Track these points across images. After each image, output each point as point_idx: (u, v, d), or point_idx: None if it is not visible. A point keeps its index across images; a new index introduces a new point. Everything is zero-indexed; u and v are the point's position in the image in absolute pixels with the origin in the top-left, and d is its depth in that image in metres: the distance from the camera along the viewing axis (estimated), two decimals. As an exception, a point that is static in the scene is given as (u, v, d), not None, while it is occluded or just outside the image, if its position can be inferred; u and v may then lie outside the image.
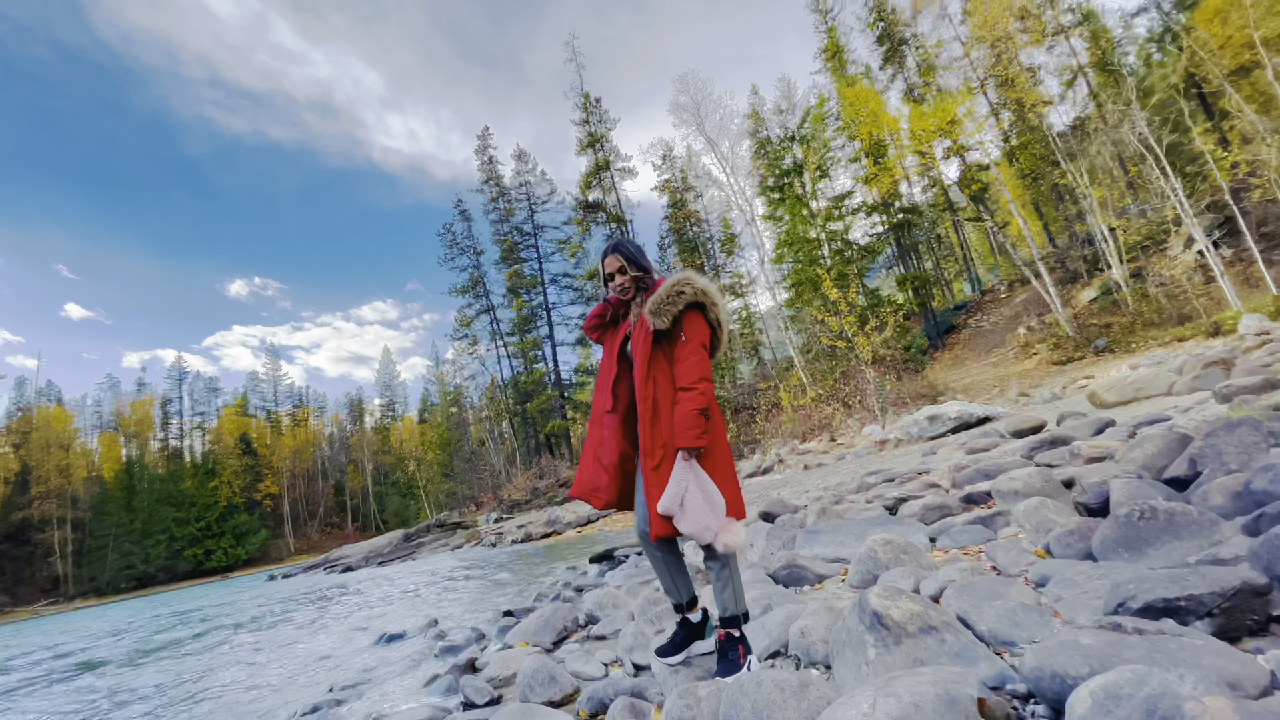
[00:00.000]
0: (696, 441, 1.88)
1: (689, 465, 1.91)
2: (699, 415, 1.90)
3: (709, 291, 2.04)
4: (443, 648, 3.81)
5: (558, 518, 15.22)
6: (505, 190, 33.31)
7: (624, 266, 2.17)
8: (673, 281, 2.05)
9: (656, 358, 2.03)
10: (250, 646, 5.88)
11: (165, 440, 64.36)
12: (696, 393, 1.92)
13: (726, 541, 1.90)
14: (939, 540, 3.49)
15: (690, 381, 1.94)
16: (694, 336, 2.00)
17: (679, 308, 2.00)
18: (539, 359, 31.74)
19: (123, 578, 49.35)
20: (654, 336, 2.04)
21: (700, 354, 1.98)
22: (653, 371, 2.03)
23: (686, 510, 1.86)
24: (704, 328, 2.03)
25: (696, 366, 1.96)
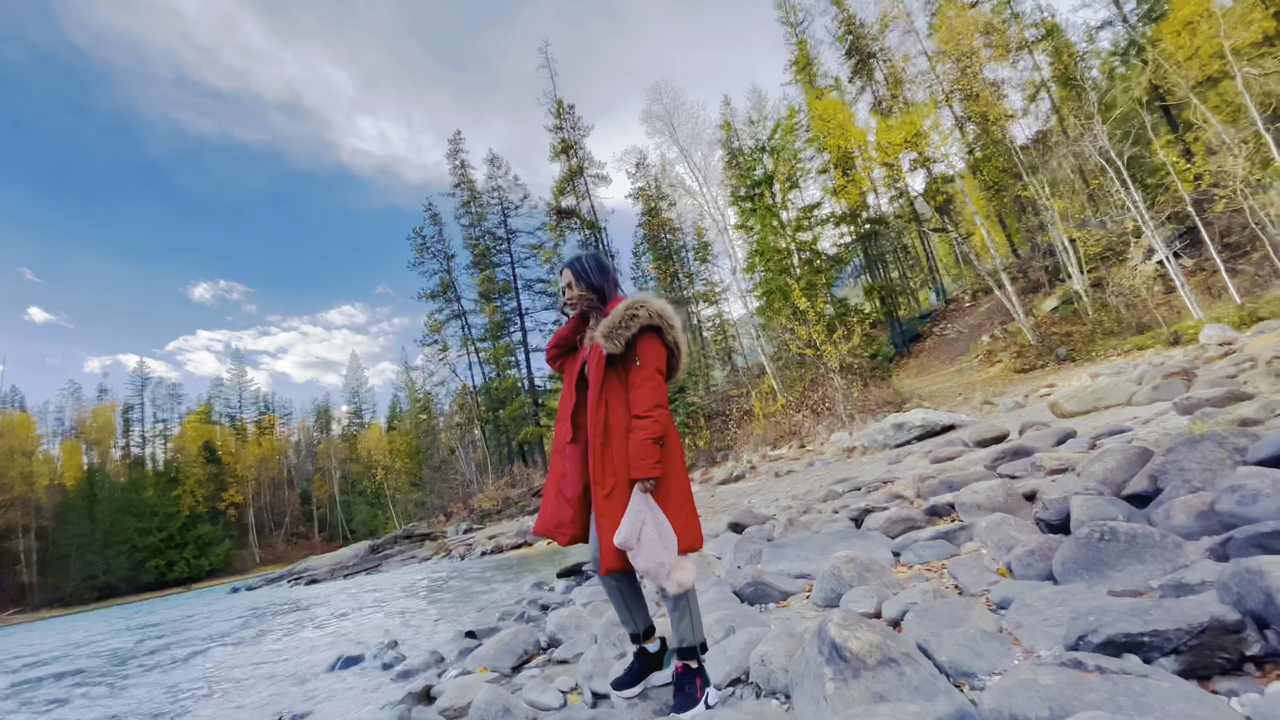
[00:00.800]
0: (651, 471, 1.81)
1: (645, 498, 1.83)
2: (653, 444, 1.83)
3: (665, 313, 1.97)
4: (399, 672, 3.66)
5: (529, 528, 14.99)
6: (477, 194, 32.98)
7: (571, 282, 2.11)
8: (626, 304, 1.97)
9: (610, 382, 1.96)
10: (200, 669, 5.61)
11: (127, 448, 62.10)
12: (650, 420, 1.85)
13: (679, 579, 1.83)
14: (903, 555, 3.47)
15: (645, 409, 1.86)
16: (649, 361, 1.92)
17: (632, 331, 1.92)
18: (512, 365, 31.42)
19: (86, 588, 47.36)
20: (608, 360, 1.96)
21: (655, 380, 1.90)
22: (605, 395, 1.95)
23: (642, 545, 1.79)
24: (660, 351, 1.96)
25: (651, 393, 1.88)
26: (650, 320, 1.93)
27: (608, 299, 2.10)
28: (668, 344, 1.98)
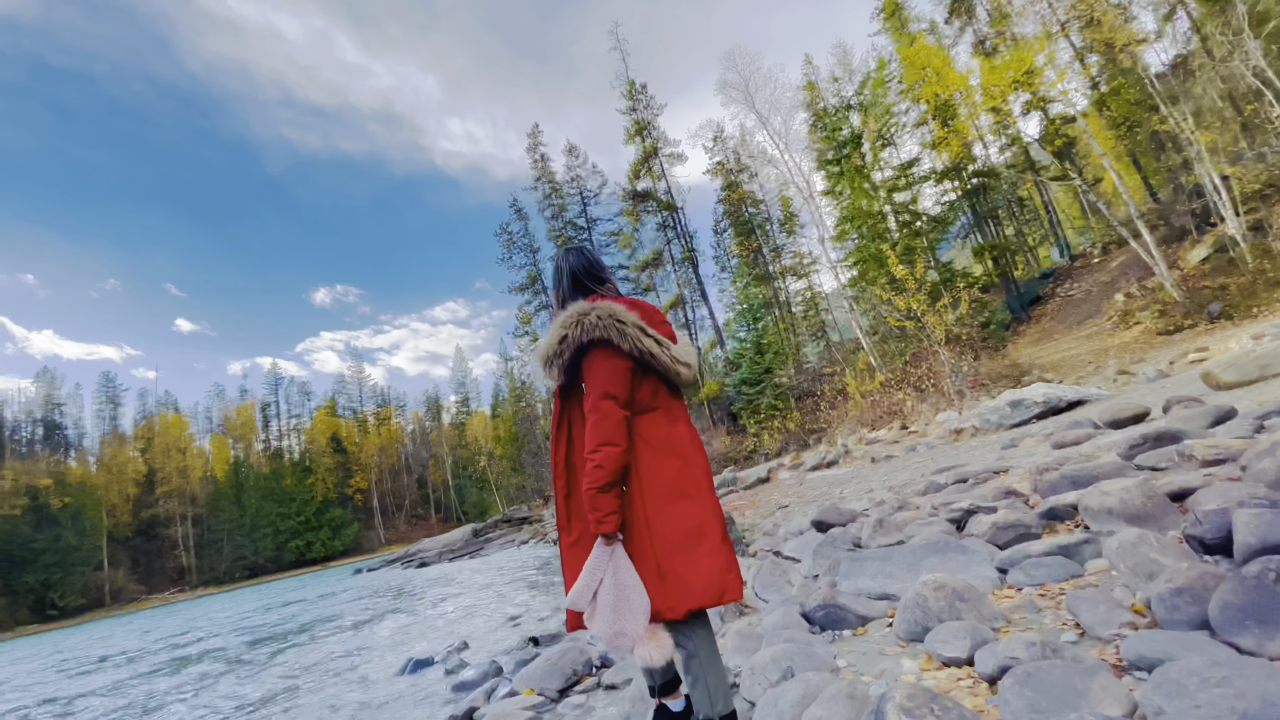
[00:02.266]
0: (601, 526, 1.48)
1: (606, 552, 1.50)
2: (599, 494, 1.48)
3: (610, 317, 1.57)
4: (455, 684, 3.60)
5: (617, 515, 15.10)
6: (557, 186, 33.40)
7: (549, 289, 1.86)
8: (557, 322, 1.62)
9: (572, 413, 1.65)
10: (296, 665, 5.96)
11: (266, 441, 69.69)
12: (593, 465, 1.49)
13: (645, 654, 1.48)
14: (1011, 574, 2.90)
15: (589, 448, 1.51)
16: (594, 386, 1.56)
17: (566, 357, 1.58)
18: (598, 352, 31.82)
19: (237, 568, 53.98)
20: (561, 389, 1.65)
21: (601, 409, 1.52)
22: (566, 429, 1.65)
23: (597, 610, 1.47)
24: (609, 368, 1.56)
25: (595, 428, 1.51)
26: (586, 335, 1.55)
27: (577, 300, 1.76)
28: (627, 352, 1.58)
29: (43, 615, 41.55)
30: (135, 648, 11.56)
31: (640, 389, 1.62)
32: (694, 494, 1.59)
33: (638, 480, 1.56)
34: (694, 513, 1.57)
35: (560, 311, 1.67)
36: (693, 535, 1.54)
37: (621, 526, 1.54)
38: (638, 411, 1.61)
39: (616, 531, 1.51)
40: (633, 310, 1.66)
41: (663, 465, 1.58)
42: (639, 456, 1.57)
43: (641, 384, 1.62)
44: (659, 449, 1.59)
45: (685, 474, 1.60)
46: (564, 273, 1.82)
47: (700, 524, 1.56)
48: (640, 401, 1.61)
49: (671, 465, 1.59)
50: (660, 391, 1.67)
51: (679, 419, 1.69)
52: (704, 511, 1.58)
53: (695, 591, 1.51)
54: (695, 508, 1.57)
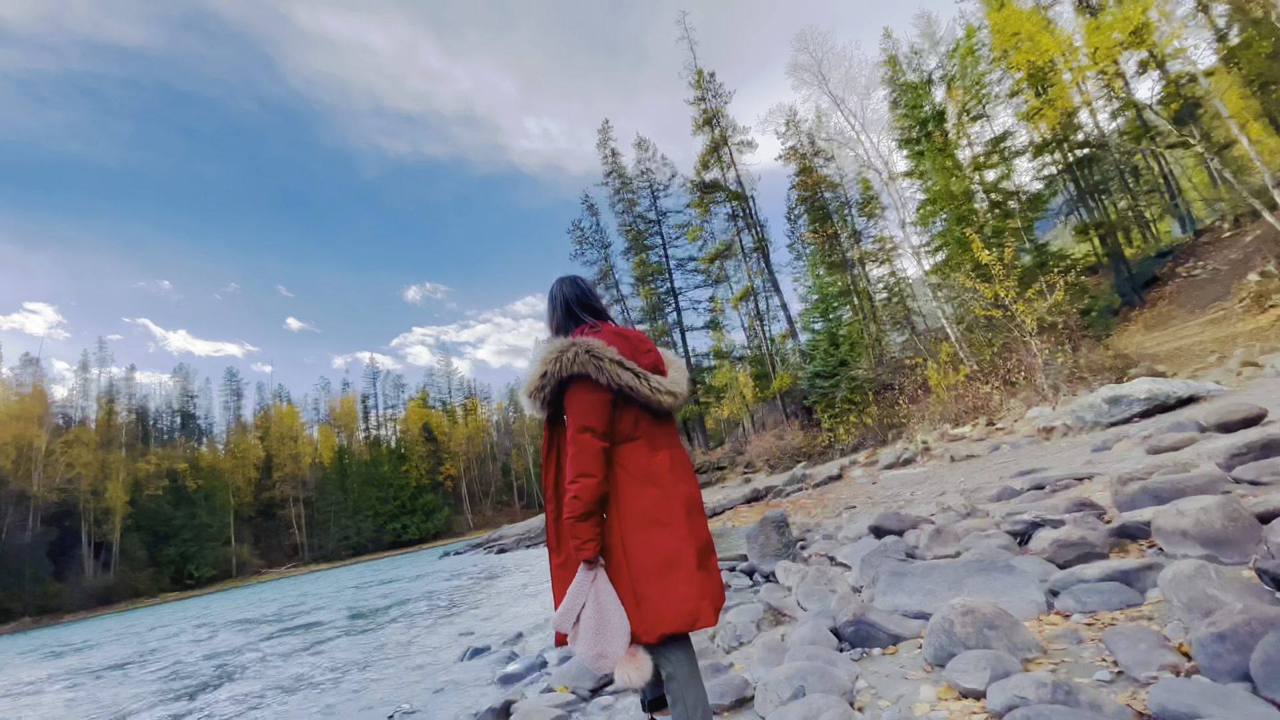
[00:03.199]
0: (579, 553, 1.56)
1: (588, 577, 1.57)
2: (577, 523, 1.56)
3: (587, 353, 1.62)
4: (502, 675, 3.80)
5: (685, 509, 15.14)
6: (628, 180, 33.62)
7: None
8: (538, 358, 1.68)
9: (558, 442, 1.74)
10: (379, 641, 6.47)
11: (367, 430, 75.06)
12: (570, 495, 1.56)
13: (624, 676, 1.52)
14: (1060, 598, 2.71)
15: (568, 480, 1.59)
16: (573, 419, 1.63)
17: (547, 391, 1.65)
18: (670, 345, 31.83)
19: (342, 546, 58.71)
20: (549, 419, 1.73)
21: (579, 442, 1.59)
22: (553, 459, 1.75)
23: (580, 632, 1.54)
24: (588, 401, 1.62)
25: (573, 460, 1.58)
26: (564, 371, 1.62)
27: (569, 333, 1.83)
28: (606, 385, 1.63)
29: (182, 584, 47.09)
30: (260, 615, 12.99)
31: (621, 420, 1.67)
32: (669, 522, 1.62)
33: (616, 508, 1.61)
34: (668, 541, 1.60)
35: (550, 340, 1.74)
36: (667, 563, 1.58)
37: (603, 551, 1.61)
38: (618, 441, 1.66)
39: (597, 557, 1.58)
40: (614, 344, 1.71)
41: (640, 494, 1.62)
42: (618, 485, 1.63)
43: (622, 415, 1.67)
44: (638, 478, 1.63)
45: (662, 503, 1.63)
46: (558, 302, 1.89)
47: (675, 552, 1.60)
48: (620, 432, 1.66)
49: (649, 494, 1.63)
50: (642, 421, 1.70)
51: (661, 447, 1.72)
52: (679, 540, 1.61)
53: (668, 617, 1.55)
54: (670, 536, 1.61)
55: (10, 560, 36.48)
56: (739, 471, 22.72)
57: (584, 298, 1.90)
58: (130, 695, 6.11)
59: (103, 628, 20.50)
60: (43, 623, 34.05)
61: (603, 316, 1.91)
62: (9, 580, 35.61)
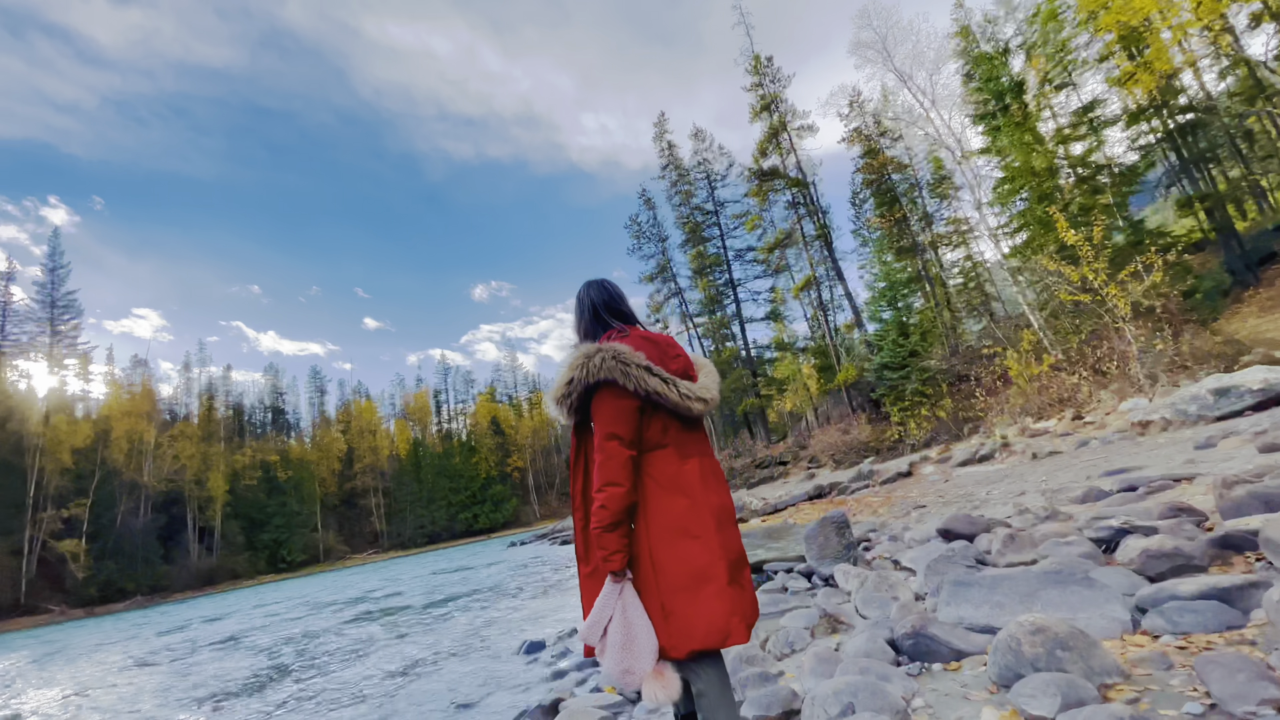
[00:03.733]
0: (607, 564, 1.51)
1: (615, 589, 1.51)
2: (604, 533, 1.51)
3: (614, 359, 1.57)
4: (554, 671, 3.84)
5: (744, 503, 14.90)
6: (685, 172, 33.33)
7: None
8: (565, 364, 1.64)
9: (586, 449, 1.69)
10: (437, 633, 6.71)
11: (439, 424, 78.35)
12: (597, 504, 1.52)
13: (651, 694, 1.47)
14: (1147, 617, 2.45)
15: (594, 488, 1.55)
16: (600, 427, 1.58)
17: (574, 398, 1.61)
18: (729, 337, 31.41)
19: (418, 534, 61.67)
20: (577, 426, 1.69)
21: (607, 450, 1.54)
22: (581, 466, 1.70)
23: (608, 646, 1.48)
24: (614, 408, 1.57)
25: (600, 469, 1.53)
26: (591, 377, 1.57)
27: (596, 338, 1.79)
28: (633, 392, 1.57)
29: (276, 567, 50.85)
30: (345, 598, 13.89)
31: (649, 427, 1.61)
32: (699, 534, 1.55)
33: (644, 518, 1.56)
34: (699, 553, 1.54)
35: (577, 346, 1.71)
36: (697, 576, 1.52)
37: (631, 563, 1.56)
38: (647, 449, 1.61)
39: (625, 569, 1.53)
40: (642, 349, 1.66)
41: (669, 504, 1.56)
42: (646, 494, 1.58)
43: (650, 422, 1.62)
44: (666, 487, 1.58)
45: (692, 513, 1.57)
46: (585, 307, 1.85)
47: (705, 565, 1.53)
48: (649, 439, 1.61)
49: (678, 504, 1.57)
50: (671, 428, 1.65)
51: (691, 455, 1.66)
52: (710, 552, 1.55)
53: (697, 633, 1.48)
54: (700, 548, 1.54)
55: (125, 544, 40.46)
56: (802, 466, 22.17)
57: (612, 302, 1.86)
58: (231, 668, 6.65)
59: (208, 606, 22.43)
60: (153, 601, 37.64)
61: (631, 320, 1.87)
62: (125, 562, 39.52)
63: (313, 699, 4.55)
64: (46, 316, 46.55)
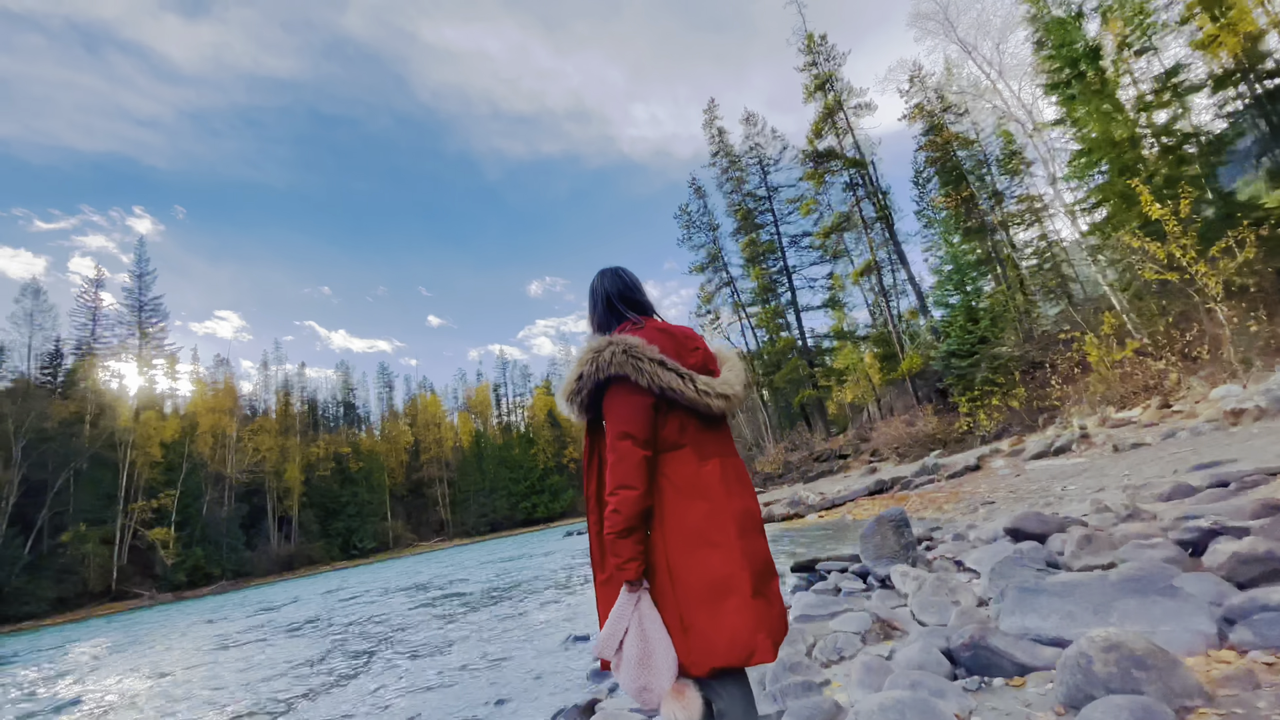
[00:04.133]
0: (621, 573, 1.42)
1: (631, 599, 1.43)
2: (617, 539, 1.42)
3: (625, 353, 1.49)
4: (593, 671, 3.89)
5: (801, 498, 14.62)
6: (736, 158, 32.79)
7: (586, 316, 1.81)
8: (576, 359, 1.58)
9: (600, 449, 1.59)
10: (489, 623, 6.93)
11: (500, 417, 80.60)
12: (610, 509, 1.43)
13: (670, 713, 1.38)
14: (1235, 629, 2.26)
15: (607, 491, 1.45)
16: (612, 425, 1.48)
17: (584, 394, 1.53)
18: (784, 326, 30.79)
19: (481, 523, 63.84)
20: (590, 425, 1.61)
21: (619, 450, 1.45)
22: (595, 467, 1.60)
23: (624, 661, 1.41)
24: (627, 405, 1.48)
25: (612, 470, 1.44)
26: (602, 372, 1.49)
27: (609, 330, 1.72)
28: (646, 388, 1.49)
29: (349, 554, 53.78)
30: (412, 584, 14.58)
31: (665, 425, 1.52)
32: (720, 542, 1.45)
33: (660, 525, 1.47)
34: (720, 563, 1.44)
35: (591, 338, 1.64)
36: (718, 588, 1.42)
37: (648, 572, 1.47)
38: (663, 449, 1.52)
39: (641, 578, 1.44)
40: (657, 341, 1.57)
41: (687, 509, 1.47)
42: (663, 498, 1.48)
43: (666, 420, 1.52)
44: (684, 491, 1.48)
45: (712, 519, 1.47)
46: (599, 297, 1.78)
47: (727, 576, 1.43)
48: (665, 439, 1.52)
49: (697, 509, 1.47)
50: (689, 427, 1.55)
51: (711, 456, 1.56)
52: (731, 562, 1.44)
53: (719, 650, 1.39)
54: (721, 558, 1.44)
55: (211, 531, 43.59)
56: (863, 460, 21.55)
57: (627, 291, 1.77)
58: (301, 650, 7.10)
59: (287, 590, 23.97)
60: (237, 585, 40.45)
61: (647, 311, 1.78)
62: (210, 548, 42.61)
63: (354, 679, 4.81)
64: (135, 320, 50.22)
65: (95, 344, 49.28)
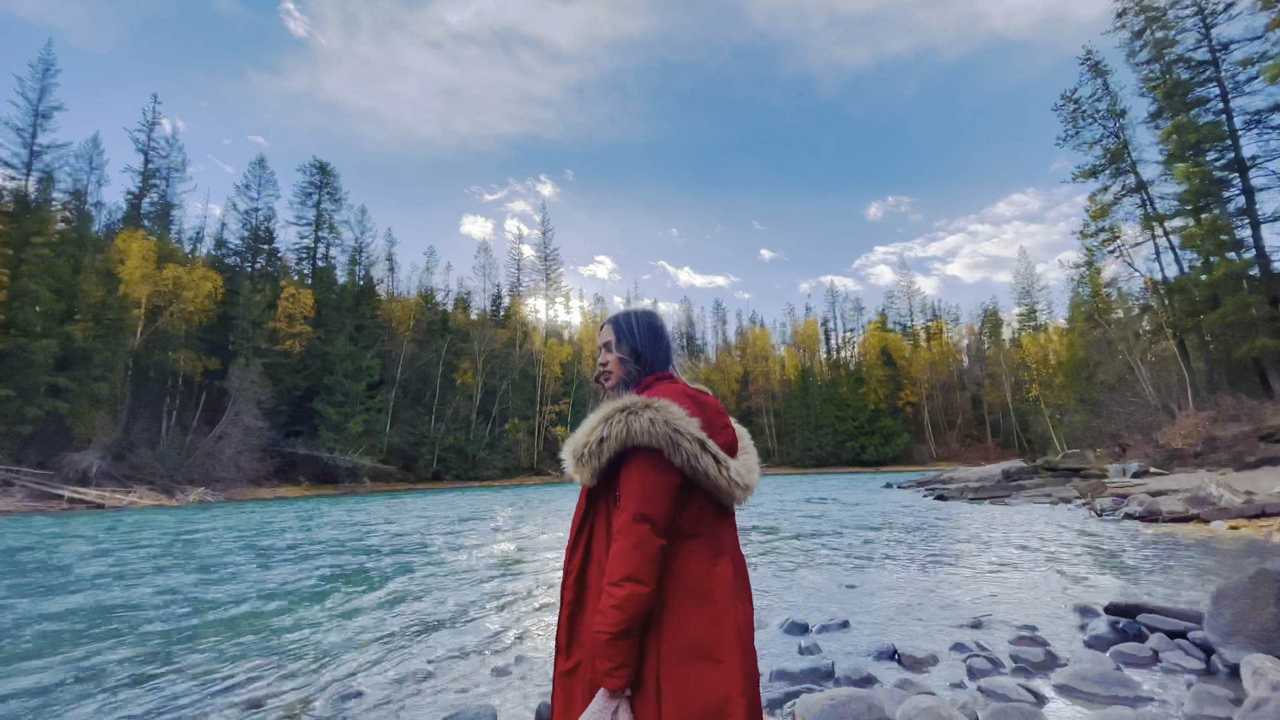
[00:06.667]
0: (607, 679, 1.15)
1: (609, 707, 1.15)
2: (609, 642, 1.13)
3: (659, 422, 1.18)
4: (775, 671, 3.53)
5: (1210, 494, 10.41)
6: (1158, 12, 23.33)
7: (611, 341, 1.44)
8: (604, 411, 1.27)
9: (596, 515, 1.32)
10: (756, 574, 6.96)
11: (828, 352, 79.29)
12: (612, 603, 1.13)
13: None
14: None
15: (608, 580, 1.16)
16: (629, 503, 1.19)
17: (603, 458, 1.23)
18: (1229, 245, 21.42)
19: (806, 457, 65.14)
20: (589, 488, 1.33)
21: (637, 534, 1.15)
22: (587, 534, 1.33)
23: None
24: (651, 484, 1.19)
25: (623, 556, 1.15)
26: (631, 440, 1.20)
27: (649, 372, 1.41)
28: (680, 466, 1.20)
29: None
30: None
31: (683, 511, 1.26)
32: (722, 658, 1.17)
33: (656, 629, 1.20)
34: (718, 684, 1.16)
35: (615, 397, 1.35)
36: (710, 712, 1.14)
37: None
38: (674, 538, 1.25)
39: (626, 689, 1.18)
40: (696, 413, 1.28)
41: (690, 614, 1.20)
42: (664, 598, 1.22)
43: (686, 505, 1.26)
44: (690, 592, 1.21)
45: (716, 630, 1.19)
46: (663, 335, 1.47)
47: (723, 699, 1.14)
48: (680, 527, 1.25)
49: (701, 615, 1.20)
50: (706, 516, 1.27)
51: (724, 551, 1.27)
52: (730, 684, 1.15)
53: None
54: (720, 679, 1.16)
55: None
56: (1360, 445, 14.06)
57: (663, 332, 1.47)
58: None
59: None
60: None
61: (670, 360, 1.47)
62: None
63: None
64: (542, 268, 67.13)
65: (519, 287, 66.51)
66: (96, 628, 4.99)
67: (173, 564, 8.60)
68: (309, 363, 41.61)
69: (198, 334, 37.35)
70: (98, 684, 3.67)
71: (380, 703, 3.27)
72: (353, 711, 3.14)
